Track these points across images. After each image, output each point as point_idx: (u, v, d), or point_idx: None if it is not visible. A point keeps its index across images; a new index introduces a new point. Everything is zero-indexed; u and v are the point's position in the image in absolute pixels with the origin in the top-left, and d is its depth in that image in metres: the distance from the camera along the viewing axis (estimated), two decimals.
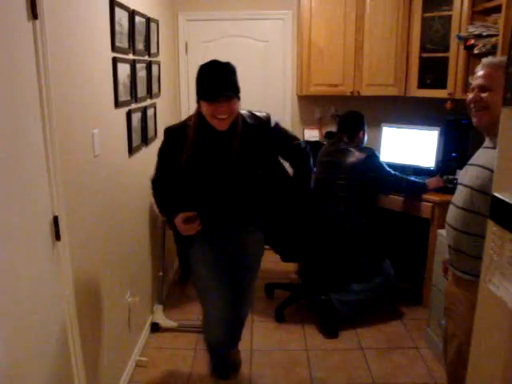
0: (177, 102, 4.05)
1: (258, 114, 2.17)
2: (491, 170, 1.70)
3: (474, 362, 1.17)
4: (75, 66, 1.98)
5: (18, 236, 1.55)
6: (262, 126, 2.14)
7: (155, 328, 3.14)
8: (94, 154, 2.18)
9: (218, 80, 1.90)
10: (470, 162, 1.91)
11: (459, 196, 1.86)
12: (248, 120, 2.11)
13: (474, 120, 1.87)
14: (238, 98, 1.98)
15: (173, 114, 3.96)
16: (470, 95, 1.85)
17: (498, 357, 1.01)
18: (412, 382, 2.67)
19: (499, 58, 1.90)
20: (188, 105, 4.11)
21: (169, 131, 2.17)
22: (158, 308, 3.24)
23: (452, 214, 1.89)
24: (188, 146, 2.04)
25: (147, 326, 3.10)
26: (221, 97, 1.89)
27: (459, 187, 1.89)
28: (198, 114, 2.03)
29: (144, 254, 3.09)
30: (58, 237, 1.81)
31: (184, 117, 4.02)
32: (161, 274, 3.28)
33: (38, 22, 1.64)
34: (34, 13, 1.62)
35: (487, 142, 1.85)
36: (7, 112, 1.48)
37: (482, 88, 1.79)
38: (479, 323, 1.13)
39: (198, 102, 2.00)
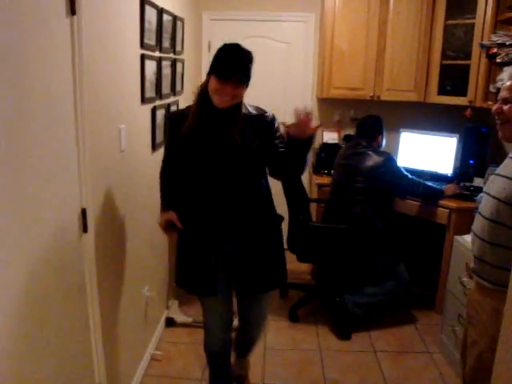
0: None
1: (263, 108, 2.13)
2: None
3: (499, 369, 1.19)
4: (106, 62, 2.02)
5: (48, 227, 1.59)
6: (264, 117, 2.09)
7: (170, 323, 3.18)
8: (120, 149, 2.23)
9: (234, 61, 1.91)
10: (497, 171, 1.91)
11: (486, 206, 1.85)
12: (251, 110, 2.08)
13: (499, 133, 1.87)
14: (246, 86, 1.97)
15: None
16: (495, 106, 1.85)
17: None
18: None
19: None
20: None
21: (170, 115, 2.18)
22: (174, 303, 3.28)
23: (478, 223, 1.89)
24: (189, 119, 2.01)
25: (162, 321, 3.14)
26: (232, 77, 1.88)
27: (486, 197, 1.89)
28: (205, 88, 1.99)
29: (162, 250, 3.13)
30: (85, 229, 1.85)
31: None
32: None
33: (75, 17, 1.68)
34: (72, 9, 1.66)
35: None
36: (43, 106, 1.52)
37: (505, 100, 1.78)
38: (507, 330, 1.15)
39: (209, 75, 1.97)
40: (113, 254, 2.19)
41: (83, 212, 1.82)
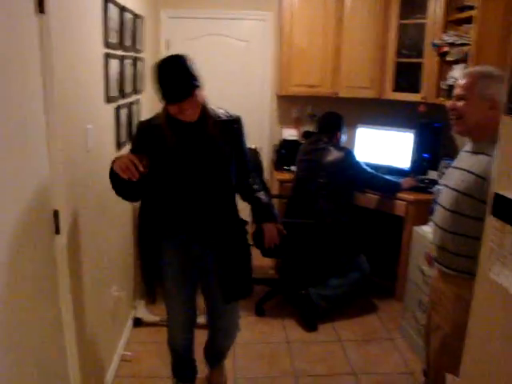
0: (156, 98, 4.07)
1: (231, 112, 2.18)
2: (475, 175, 1.83)
3: (470, 348, 1.28)
4: (74, 61, 1.99)
5: (21, 229, 1.56)
6: (232, 123, 2.16)
7: (137, 323, 3.16)
8: (86, 149, 2.20)
9: (174, 82, 1.87)
10: (454, 164, 2.03)
11: (445, 198, 1.97)
12: (219, 114, 2.12)
13: (453, 128, 1.99)
14: (199, 88, 1.94)
15: (153, 110, 3.97)
16: (450, 103, 1.96)
17: (497, 340, 1.13)
18: (389, 370, 2.81)
19: (481, 68, 2.01)
20: None
21: (140, 124, 2.19)
22: (140, 303, 3.26)
23: (439, 214, 2.01)
24: (167, 136, 2.00)
25: (130, 321, 3.12)
26: (181, 99, 1.88)
27: (445, 189, 2.01)
28: (166, 112, 2.00)
29: (128, 249, 3.10)
30: (57, 230, 1.83)
31: None
32: None
33: (44, 16, 1.65)
34: (41, 7, 1.63)
35: (469, 146, 1.97)
36: (14, 106, 1.49)
37: (458, 97, 1.90)
38: (476, 310, 1.24)
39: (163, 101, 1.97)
40: (83, 255, 2.16)
41: (55, 213, 1.80)
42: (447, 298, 1.96)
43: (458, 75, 3.08)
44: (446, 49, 3.30)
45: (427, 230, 2.78)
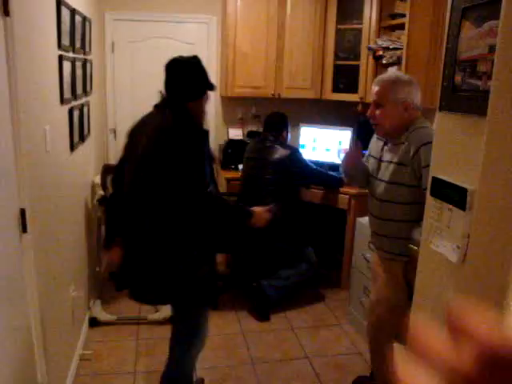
0: (103, 100, 4.08)
1: None
2: (398, 164, 2.04)
3: (418, 305, 1.47)
4: (31, 63, 2.03)
5: None
6: None
7: (94, 322, 3.18)
8: (45, 150, 2.23)
9: None
10: (373, 154, 2.24)
11: (378, 190, 2.17)
12: None
13: (375, 131, 2.20)
14: None
15: (101, 112, 4.00)
16: (369, 110, 2.15)
17: (439, 298, 1.33)
18: (339, 352, 3.02)
19: (390, 74, 2.27)
20: (113, 103, 4.17)
21: (204, 130, 2.22)
22: (96, 303, 3.28)
23: (373, 205, 2.21)
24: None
25: (86, 321, 3.13)
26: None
27: (375, 182, 2.20)
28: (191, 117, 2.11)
29: (82, 250, 3.12)
30: (24, 229, 1.86)
31: (110, 115, 4.10)
32: (98, 269, 3.32)
33: (8, 19, 1.69)
34: (5, 10, 1.67)
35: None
36: None
37: (376, 104, 2.09)
38: (421, 275, 1.44)
39: (201, 96, 2.19)
40: (45, 254, 2.19)
41: (22, 212, 1.83)
42: (382, 279, 2.18)
43: None
44: (380, 52, 3.57)
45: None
